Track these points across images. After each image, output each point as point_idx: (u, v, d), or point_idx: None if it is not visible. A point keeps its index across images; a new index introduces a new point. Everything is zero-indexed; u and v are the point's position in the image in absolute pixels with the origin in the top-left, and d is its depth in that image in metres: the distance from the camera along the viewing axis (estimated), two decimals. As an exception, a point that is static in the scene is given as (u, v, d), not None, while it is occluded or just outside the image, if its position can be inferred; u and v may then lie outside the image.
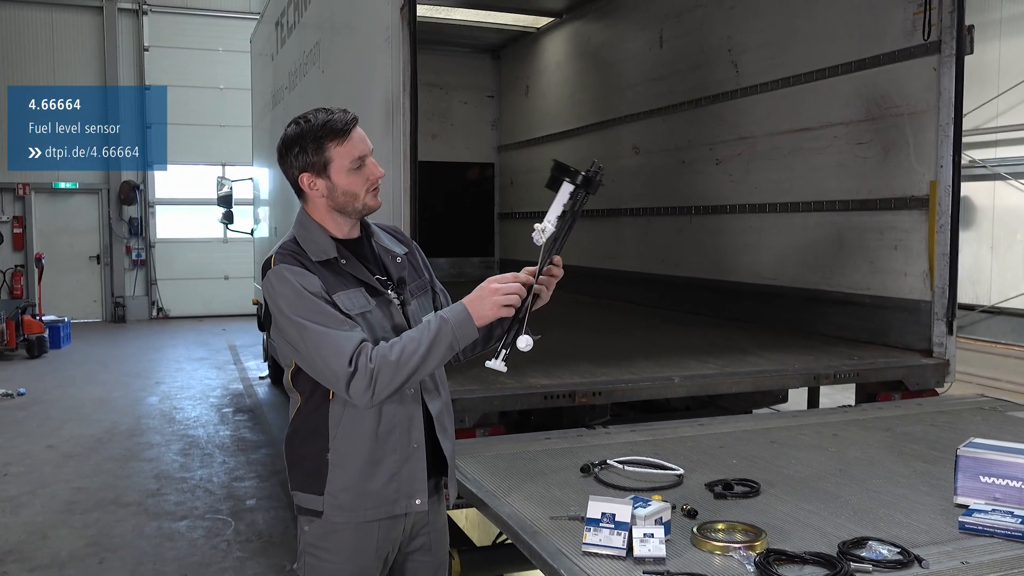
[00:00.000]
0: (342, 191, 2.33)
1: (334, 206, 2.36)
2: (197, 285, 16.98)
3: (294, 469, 2.42)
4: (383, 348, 2.21)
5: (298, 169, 2.33)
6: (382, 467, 2.35)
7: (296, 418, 2.41)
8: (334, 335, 2.20)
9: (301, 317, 2.23)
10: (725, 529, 2.39)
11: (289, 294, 2.25)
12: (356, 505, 2.34)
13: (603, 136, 8.54)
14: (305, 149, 2.31)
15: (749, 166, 6.44)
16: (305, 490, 2.37)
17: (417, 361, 2.22)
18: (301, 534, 2.43)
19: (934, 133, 4.77)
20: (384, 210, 4.07)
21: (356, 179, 2.33)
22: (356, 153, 2.32)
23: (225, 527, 5.48)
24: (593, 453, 3.23)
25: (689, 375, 4.27)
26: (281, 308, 2.26)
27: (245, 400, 9.39)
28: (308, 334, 2.22)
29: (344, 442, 2.33)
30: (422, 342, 2.22)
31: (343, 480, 2.33)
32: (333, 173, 2.32)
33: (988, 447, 2.66)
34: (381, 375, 2.19)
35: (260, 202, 9.91)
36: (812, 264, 5.79)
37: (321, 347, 2.21)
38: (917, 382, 4.58)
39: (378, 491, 2.35)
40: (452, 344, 2.24)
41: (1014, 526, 2.36)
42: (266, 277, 2.30)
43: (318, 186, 2.33)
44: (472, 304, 2.26)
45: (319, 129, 2.30)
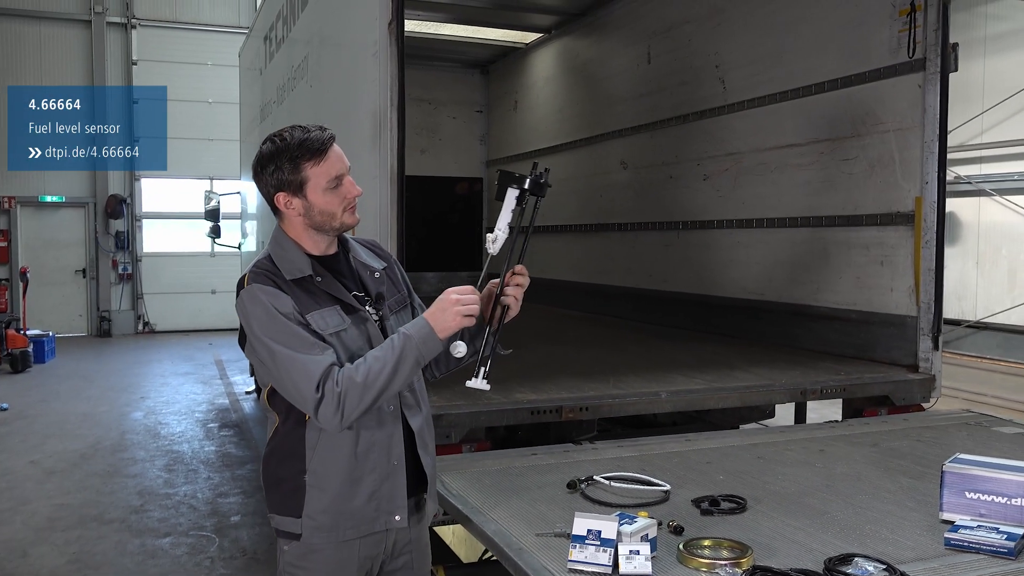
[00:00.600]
0: (319, 210, 2.30)
1: (311, 224, 2.33)
2: (184, 299, 16.89)
3: (271, 491, 2.39)
4: (348, 370, 2.19)
5: (274, 188, 2.30)
6: (361, 486, 2.32)
7: (273, 439, 2.38)
8: (302, 359, 2.18)
9: (271, 339, 2.20)
10: (711, 546, 2.38)
11: (261, 315, 2.23)
12: (335, 525, 2.31)
13: (591, 151, 8.57)
14: (281, 168, 2.27)
15: (736, 181, 6.46)
16: (283, 512, 2.35)
17: (384, 381, 2.20)
18: (280, 554, 2.40)
19: (919, 149, 4.80)
20: (370, 224, 4.07)
21: (333, 198, 2.30)
22: (333, 172, 2.29)
23: (209, 544, 5.43)
24: (580, 469, 3.21)
25: (676, 390, 4.26)
26: (253, 329, 2.24)
27: (231, 415, 9.33)
28: (278, 357, 2.20)
29: (322, 463, 2.30)
30: (387, 361, 2.20)
31: (321, 502, 2.30)
32: (310, 192, 2.29)
33: (974, 463, 2.65)
34: (348, 398, 2.17)
35: (247, 216, 9.89)
36: (799, 279, 5.80)
37: (291, 371, 2.19)
38: (903, 397, 4.59)
39: (358, 510, 2.33)
40: (418, 359, 2.23)
41: (999, 542, 2.36)
42: (240, 296, 2.29)
43: (294, 205, 2.31)
44: (434, 317, 2.25)
45: (295, 148, 2.27)
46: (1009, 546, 2.34)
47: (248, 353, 2.35)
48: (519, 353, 5.53)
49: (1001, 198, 12.60)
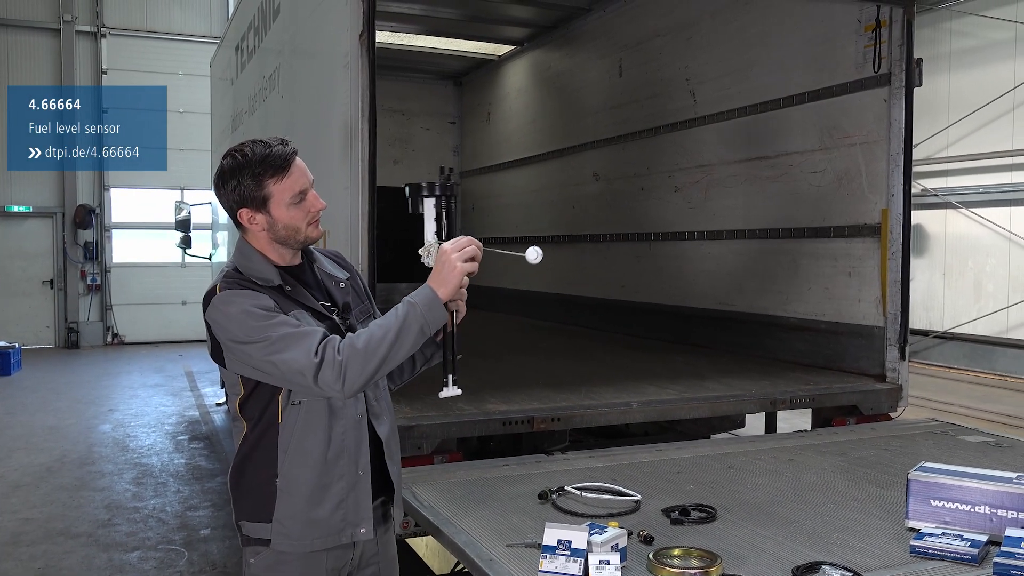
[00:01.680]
0: (283, 225, 2.28)
1: (275, 239, 2.31)
2: (154, 310, 16.71)
3: (242, 498, 2.36)
4: (350, 337, 2.17)
5: (236, 203, 2.27)
6: (329, 494, 2.31)
7: (243, 446, 2.36)
8: (294, 333, 2.16)
9: (257, 333, 2.17)
10: (681, 555, 2.39)
11: (238, 315, 2.19)
12: (303, 535, 2.30)
13: (564, 163, 8.61)
14: (242, 184, 2.24)
15: (707, 193, 6.53)
16: (252, 519, 2.33)
17: (386, 348, 2.16)
18: (246, 567, 2.38)
19: (885, 162, 4.88)
20: (342, 235, 4.06)
21: (297, 212, 2.28)
22: (297, 188, 2.27)
23: (178, 558, 5.36)
24: (551, 479, 3.22)
25: (647, 400, 4.28)
26: (232, 331, 2.21)
27: (201, 427, 9.23)
28: (267, 343, 2.15)
29: (293, 467, 2.29)
30: (390, 328, 2.17)
31: (290, 507, 2.29)
32: (273, 208, 2.26)
33: (939, 471, 2.69)
34: (351, 365, 2.13)
35: (219, 227, 9.81)
36: (769, 290, 5.86)
37: (283, 349, 2.14)
38: (871, 407, 4.65)
39: (324, 519, 2.31)
40: (423, 328, 2.20)
41: (963, 549, 2.39)
42: (212, 305, 2.24)
43: (257, 220, 2.28)
44: (436, 277, 2.23)
45: (257, 164, 2.23)
46: (973, 553, 2.37)
47: (229, 360, 2.28)
48: (491, 364, 5.56)
49: (967, 210, 12.83)
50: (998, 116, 12.24)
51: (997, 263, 12.53)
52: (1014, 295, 12.21)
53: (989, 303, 12.59)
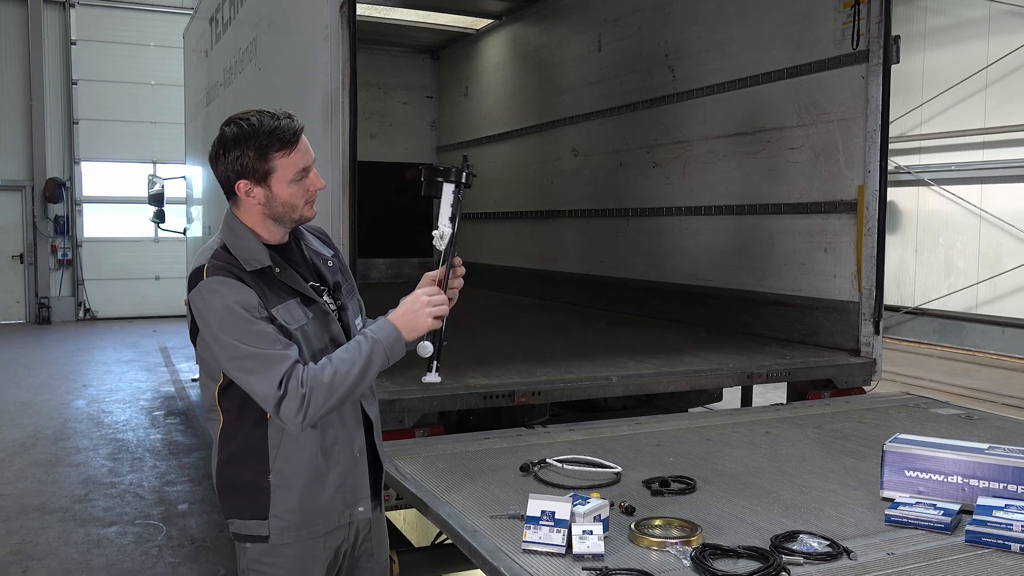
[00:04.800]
0: (281, 201, 2.22)
1: (269, 215, 2.25)
2: (127, 285, 16.54)
3: (230, 495, 2.31)
4: (314, 370, 2.14)
5: (235, 174, 2.19)
6: (328, 481, 2.31)
7: (227, 443, 2.29)
8: (264, 356, 2.11)
9: (231, 336, 2.12)
10: (662, 525, 2.43)
11: (220, 310, 2.13)
12: (304, 523, 2.29)
13: (542, 138, 8.59)
14: (245, 154, 2.16)
15: (686, 169, 6.55)
16: (245, 516, 2.28)
17: (351, 383, 2.17)
18: (242, 552, 2.35)
19: (862, 139, 4.92)
20: (322, 210, 4.02)
21: (297, 190, 2.23)
22: (301, 164, 2.21)
23: (156, 532, 5.35)
24: (532, 452, 3.25)
25: (627, 375, 4.32)
26: (210, 324, 2.15)
27: (177, 403, 9.18)
28: (238, 353, 2.12)
29: (287, 463, 2.26)
30: (355, 363, 2.17)
31: (289, 501, 2.27)
32: (274, 183, 2.20)
33: (913, 442, 2.75)
34: (314, 398, 2.12)
35: (193, 201, 9.71)
36: (746, 266, 5.91)
37: (252, 369, 2.11)
38: (846, 381, 4.72)
39: (325, 505, 2.31)
40: (383, 363, 2.23)
41: (937, 518, 2.45)
42: (196, 289, 2.17)
43: (255, 194, 2.21)
44: (403, 318, 2.25)
45: (264, 136, 2.16)
46: (946, 521, 2.43)
47: (201, 349, 2.24)
48: (472, 339, 5.56)
49: (939, 188, 12.97)
50: (971, 94, 12.37)
51: (968, 240, 12.70)
52: (983, 271, 12.40)
53: (959, 279, 12.78)
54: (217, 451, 2.32)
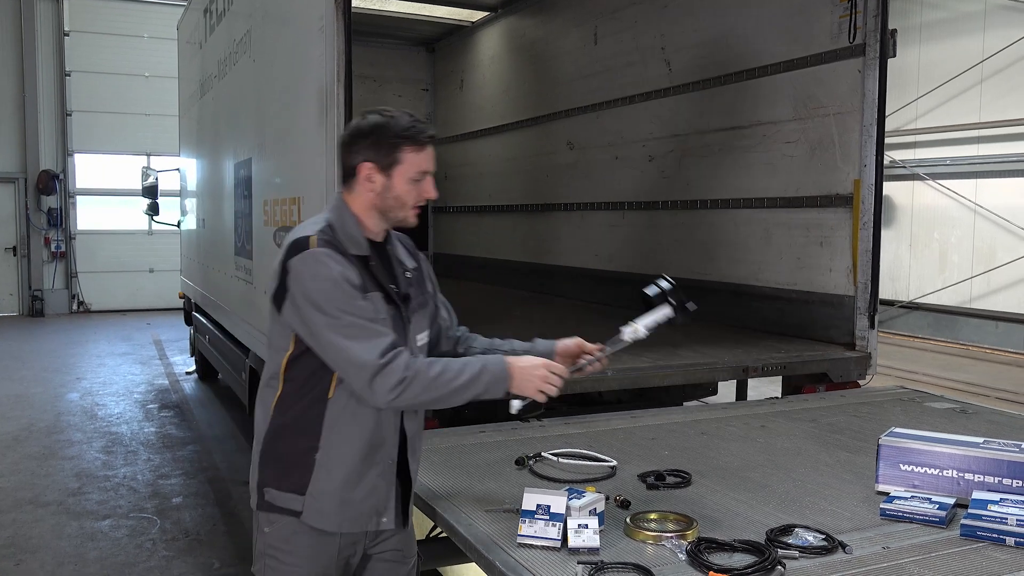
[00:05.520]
0: (395, 195, 2.30)
1: (379, 205, 2.31)
2: (120, 278, 16.49)
3: (272, 465, 2.32)
4: (423, 361, 2.22)
5: (363, 157, 2.28)
6: (365, 479, 2.30)
7: (282, 412, 2.31)
8: (369, 327, 2.18)
9: (335, 306, 2.16)
10: (657, 519, 2.43)
11: (326, 280, 2.17)
12: (335, 513, 2.29)
13: (538, 131, 8.58)
14: (380, 142, 2.26)
15: (681, 163, 6.54)
16: (282, 488, 2.29)
17: (448, 392, 2.23)
18: (260, 535, 2.36)
19: (858, 133, 4.91)
20: (316, 203, 4.02)
21: (412, 190, 2.31)
22: (424, 166, 2.31)
23: (150, 526, 5.34)
24: (527, 446, 3.24)
25: (622, 368, 4.31)
26: (311, 291, 2.17)
27: (171, 396, 9.16)
28: (339, 324, 2.15)
29: (336, 445, 2.27)
30: (462, 376, 2.24)
31: (327, 484, 2.27)
32: (396, 175, 2.28)
33: (908, 436, 2.75)
34: (413, 384, 2.17)
35: (187, 193, 9.67)
36: (741, 260, 5.91)
37: (354, 336, 2.16)
38: (840, 374, 4.72)
39: (357, 503, 2.31)
40: (480, 394, 2.27)
41: (932, 512, 2.45)
42: (302, 256, 2.19)
43: (375, 180, 2.28)
44: (518, 371, 2.31)
45: (402, 129, 2.26)
46: (941, 515, 2.43)
47: (287, 314, 2.22)
48: (467, 332, 5.45)
49: (934, 182, 12.98)
50: (966, 89, 12.37)
51: (962, 234, 12.72)
52: (978, 266, 12.42)
53: (954, 274, 12.80)
54: (269, 419, 2.33)
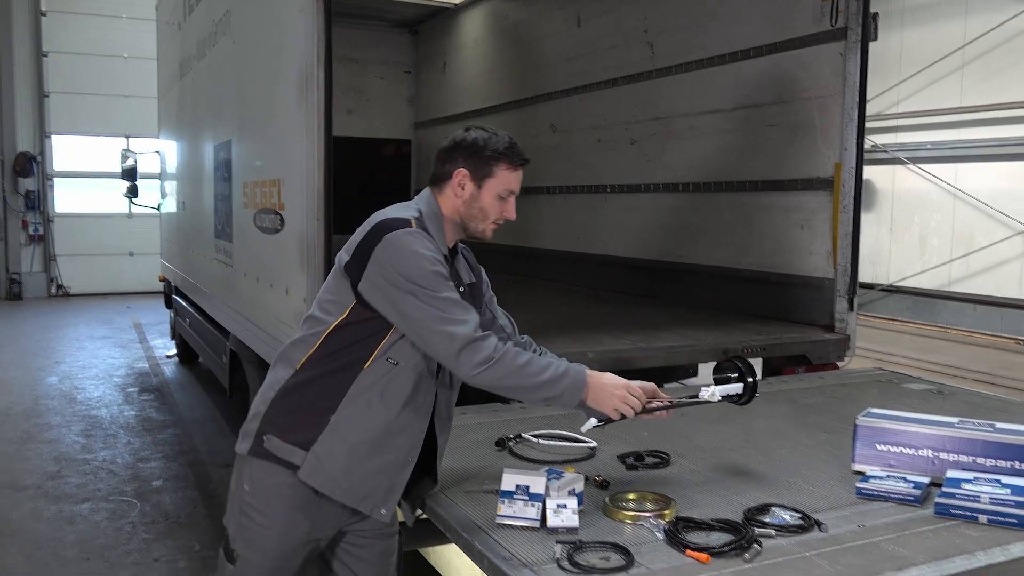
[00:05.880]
0: (480, 206, 2.41)
1: (463, 212, 2.42)
2: (100, 261, 16.33)
3: (283, 415, 2.33)
4: (512, 348, 2.29)
5: (461, 163, 2.39)
6: (373, 460, 2.31)
7: (311, 367, 2.32)
8: (463, 305, 2.27)
9: (429, 283, 2.22)
10: (636, 499, 2.45)
11: (424, 259, 2.24)
12: (335, 476, 2.29)
13: (521, 114, 8.55)
14: (479, 154, 2.39)
15: (664, 146, 6.54)
16: (286, 439, 2.30)
17: (528, 385, 2.28)
18: (239, 490, 2.37)
19: (839, 117, 4.92)
20: (297, 184, 4.00)
21: (496, 206, 2.43)
22: (512, 186, 2.43)
23: (130, 509, 5.32)
24: (508, 427, 3.25)
25: (603, 350, 4.32)
26: (408, 265, 2.22)
27: (151, 379, 9.11)
28: (436, 297, 2.22)
29: (352, 417, 2.29)
30: (546, 372, 2.29)
31: (333, 447, 2.28)
32: (486, 188, 2.40)
33: (884, 417, 2.78)
34: (500, 365, 2.23)
35: (167, 176, 9.58)
36: (723, 243, 5.93)
37: (447, 311, 2.22)
38: (820, 356, 4.76)
39: (359, 478, 2.31)
40: (555, 397, 2.32)
41: (907, 490, 2.48)
42: (403, 232, 2.26)
43: (466, 187, 2.40)
44: (598, 387, 2.35)
45: (503, 147, 2.40)
46: (916, 494, 2.46)
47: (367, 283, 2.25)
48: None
49: (915, 166, 13.06)
50: (948, 73, 12.43)
51: (942, 218, 12.82)
52: (957, 250, 12.53)
53: (933, 257, 12.91)
54: (292, 374, 2.34)
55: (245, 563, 2.36)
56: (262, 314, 4.80)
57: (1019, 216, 11.59)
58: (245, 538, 2.36)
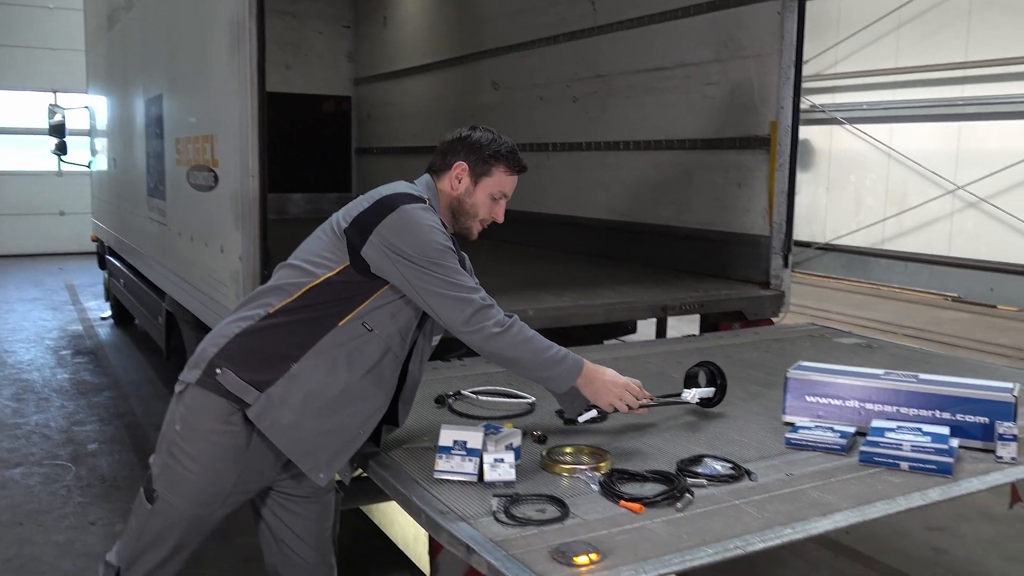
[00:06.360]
0: (472, 202, 2.53)
1: (454, 205, 2.52)
2: (29, 221, 15.79)
3: (240, 352, 2.30)
4: (519, 321, 2.40)
5: (462, 158, 2.50)
6: (327, 420, 2.30)
7: (282, 315, 2.31)
8: (471, 278, 2.42)
9: (445, 256, 2.32)
10: (573, 453, 2.48)
11: (439, 235, 2.34)
12: (284, 427, 2.27)
13: (462, 71, 8.45)
14: (480, 152, 2.50)
15: (605, 104, 6.54)
16: (242, 375, 2.27)
17: (533, 359, 2.40)
18: (170, 429, 2.34)
19: (776, 75, 4.97)
20: (231, 140, 3.91)
21: (486, 204, 2.55)
22: (505, 189, 2.56)
23: (65, 473, 5.22)
24: (448, 385, 3.26)
25: (543, 307, 4.34)
26: (423, 236, 2.30)
27: (85, 342, 8.90)
28: (448, 268, 2.32)
29: (314, 370, 2.28)
30: (548, 351, 2.42)
31: (291, 397, 2.26)
32: (481, 186, 2.52)
33: (813, 370, 2.86)
34: (508, 334, 2.34)
35: (97, 132, 9.27)
36: (663, 201, 5.98)
37: (458, 279, 2.33)
38: (755, 312, 4.85)
39: (308, 434, 2.29)
40: (551, 377, 2.45)
41: (833, 440, 2.56)
42: (415, 206, 2.35)
43: (463, 181, 2.51)
44: (596, 379, 2.49)
45: (504, 150, 2.53)
46: (842, 443, 2.54)
47: (375, 245, 2.29)
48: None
49: (851, 126, 13.28)
50: (884, 34, 12.62)
51: (877, 178, 13.10)
52: (890, 209, 12.84)
53: (868, 216, 13.21)
54: (264, 315, 2.33)
55: (165, 505, 2.33)
56: (198, 274, 4.70)
57: (949, 176, 11.90)
58: (168, 479, 2.33)
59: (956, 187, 11.84)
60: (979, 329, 9.75)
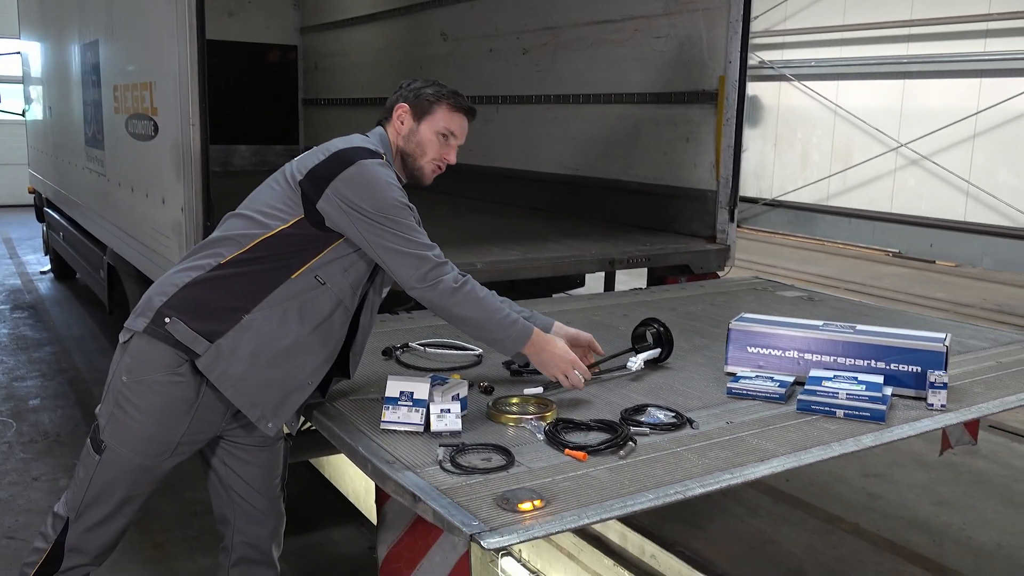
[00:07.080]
0: (417, 141, 2.49)
1: (402, 147, 2.50)
2: (-39, 172, 15.23)
3: (189, 301, 2.27)
4: (474, 281, 2.42)
5: (403, 99, 2.51)
6: (275, 370, 2.29)
7: (232, 266, 2.29)
8: (426, 236, 2.39)
9: (401, 213, 2.32)
10: (519, 403, 2.51)
11: (396, 192, 2.33)
12: (233, 377, 2.26)
13: (411, 21, 8.30)
14: (422, 93, 2.49)
15: (555, 56, 6.49)
16: (192, 325, 2.25)
17: (487, 318, 2.42)
18: (116, 379, 2.31)
19: (724, 30, 4.98)
20: (169, 87, 3.80)
21: (434, 143, 2.50)
22: (453, 128, 2.51)
23: (6, 429, 5.13)
24: (395, 337, 3.26)
25: (491, 261, 4.35)
26: (382, 193, 2.29)
27: (24, 296, 8.68)
28: (405, 225, 2.32)
29: (265, 322, 2.27)
30: (499, 313, 2.44)
31: (241, 348, 2.25)
32: (424, 124, 2.49)
33: (755, 321, 2.92)
34: (462, 291, 2.36)
35: (31, 79, 8.94)
36: (612, 155, 5.98)
37: (415, 236, 2.34)
38: (701, 266, 4.92)
39: (256, 384, 2.29)
40: (498, 340, 2.46)
41: (772, 389, 2.62)
42: (372, 161, 2.33)
43: (405, 123, 2.50)
44: (543, 347, 2.50)
45: (447, 91, 2.51)
46: (780, 392, 2.61)
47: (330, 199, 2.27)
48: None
49: (799, 83, 13.41)
50: (832, -9, 12.70)
51: (823, 134, 13.28)
52: (836, 165, 13.05)
53: (814, 172, 13.42)
54: (215, 265, 2.31)
55: (113, 455, 2.32)
56: (139, 226, 4.60)
57: (893, 133, 12.12)
58: (115, 430, 2.32)
59: (899, 144, 12.07)
60: (918, 284, 10.04)
